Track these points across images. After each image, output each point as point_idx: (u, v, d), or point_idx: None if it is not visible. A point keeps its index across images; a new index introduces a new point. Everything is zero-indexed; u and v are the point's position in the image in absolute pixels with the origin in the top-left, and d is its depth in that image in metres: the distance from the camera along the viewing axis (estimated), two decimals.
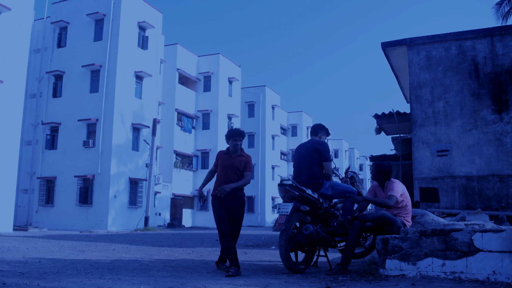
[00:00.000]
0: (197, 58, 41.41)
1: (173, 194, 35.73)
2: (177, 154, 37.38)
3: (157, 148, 30.85)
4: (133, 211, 28.16)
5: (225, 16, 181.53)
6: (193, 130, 39.76)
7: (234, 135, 6.51)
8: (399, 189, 6.08)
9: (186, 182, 38.12)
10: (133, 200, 28.81)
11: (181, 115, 38.20)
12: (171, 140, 36.47)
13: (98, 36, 28.94)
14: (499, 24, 21.71)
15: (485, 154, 9.43)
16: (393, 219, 5.88)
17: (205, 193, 6.80)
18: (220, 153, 6.74)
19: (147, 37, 30.73)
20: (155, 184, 30.35)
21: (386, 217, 5.87)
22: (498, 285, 4.92)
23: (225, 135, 6.64)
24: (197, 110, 40.27)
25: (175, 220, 34.14)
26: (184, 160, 38.52)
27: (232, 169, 6.50)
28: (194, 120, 40.15)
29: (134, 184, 29.01)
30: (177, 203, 35.33)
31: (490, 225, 5.73)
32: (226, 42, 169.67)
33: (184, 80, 39.81)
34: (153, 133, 26.16)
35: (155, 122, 26.61)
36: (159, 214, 33.32)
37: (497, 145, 9.36)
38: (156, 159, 31.93)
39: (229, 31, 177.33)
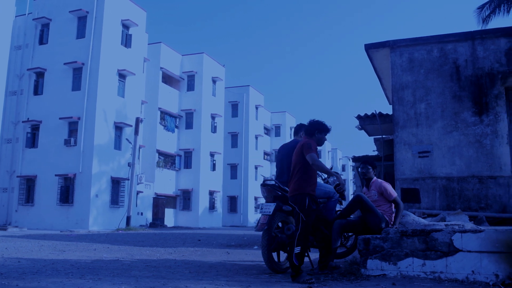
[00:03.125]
0: (181, 57, 41.22)
1: (155, 193, 35.53)
2: (160, 153, 37.19)
3: (139, 147, 30.63)
4: (115, 211, 27.93)
5: (210, 17, 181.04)
6: (176, 130, 39.57)
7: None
8: (391, 188, 6.22)
9: (169, 182, 37.94)
10: (115, 200, 28.59)
11: (164, 114, 37.99)
12: (154, 139, 36.25)
13: (80, 34, 28.65)
14: (480, 28, 22.02)
15: (465, 155, 9.55)
16: (371, 206, 5.95)
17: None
18: None
19: (130, 35, 30.52)
20: (137, 184, 30.14)
21: (364, 200, 5.95)
22: (477, 284, 4.99)
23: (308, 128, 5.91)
24: (181, 109, 40.09)
25: (157, 219, 33.95)
26: (167, 160, 38.34)
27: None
28: (177, 119, 39.97)
29: (116, 183, 28.78)
30: (160, 203, 35.15)
31: (469, 225, 5.81)
32: (211, 43, 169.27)
33: (168, 79, 39.59)
34: (136, 132, 25.99)
35: (137, 121, 26.43)
36: (141, 213, 33.10)
37: (477, 147, 9.49)
38: (139, 158, 31.69)
39: (214, 31, 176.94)
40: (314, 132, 5.77)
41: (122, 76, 29.79)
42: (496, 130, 9.54)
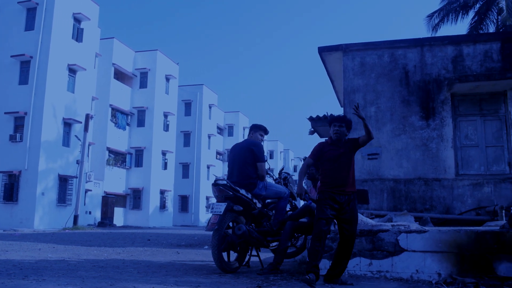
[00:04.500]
0: (134, 54, 40.49)
1: (104, 192, 34.76)
2: (110, 151, 36.39)
3: (89, 145, 29.90)
4: (62, 209, 27.14)
5: (165, 15, 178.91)
6: (127, 127, 38.84)
7: (333, 120, 5.54)
8: None
9: (119, 180, 37.21)
10: (62, 198, 27.78)
11: (115, 111, 37.22)
12: (104, 136, 35.45)
13: (29, 26, 27.65)
14: (429, 35, 22.75)
15: (412, 158, 9.84)
16: None
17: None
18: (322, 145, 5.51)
19: (82, 29, 29.73)
20: (86, 182, 29.41)
21: (312, 208, 6.03)
22: (421, 283, 5.15)
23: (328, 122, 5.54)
24: (132, 107, 39.38)
25: (106, 219, 33.20)
26: (117, 158, 37.57)
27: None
28: (129, 117, 39.25)
29: (63, 181, 27.97)
30: (109, 202, 34.41)
31: (414, 226, 5.99)
32: (165, 41, 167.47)
33: (120, 75, 38.80)
34: (86, 128, 25.37)
35: (87, 117, 25.82)
36: (90, 212, 32.32)
37: (423, 150, 9.80)
38: (88, 156, 30.95)
39: (168, 30, 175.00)
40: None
41: (72, 71, 28.98)
42: (441, 134, 9.88)
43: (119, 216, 36.66)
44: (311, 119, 13.46)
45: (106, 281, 4.93)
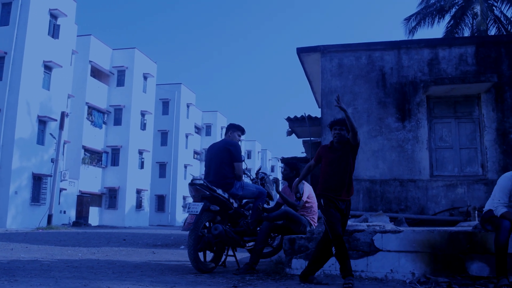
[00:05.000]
0: (112, 51, 40.04)
1: (80, 191, 34.30)
2: (86, 149, 35.93)
3: (64, 143, 29.49)
4: (36, 209, 26.68)
5: (143, 14, 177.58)
6: (104, 125, 38.39)
7: (334, 123, 5.44)
8: (305, 190, 6.30)
9: (95, 179, 36.76)
10: (36, 197, 27.31)
11: (91, 109, 36.75)
12: (80, 135, 34.97)
13: (4, 21, 27.10)
14: (406, 38, 23.06)
15: (388, 159, 9.95)
16: (297, 216, 6.08)
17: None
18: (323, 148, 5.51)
19: (58, 25, 29.28)
20: (61, 181, 28.96)
21: (290, 214, 6.05)
22: (395, 282, 5.21)
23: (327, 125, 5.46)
24: (109, 105, 38.95)
25: (81, 218, 32.78)
26: (93, 156, 37.12)
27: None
28: (106, 115, 38.80)
29: (37, 180, 27.50)
30: (84, 201, 33.97)
31: (389, 226, 6.05)
32: (143, 40, 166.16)
33: (97, 73, 38.33)
34: (61, 126, 25.02)
35: (63, 115, 25.45)
36: (64, 212, 31.85)
37: (399, 151, 9.92)
38: (63, 154, 30.50)
39: (147, 29, 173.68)
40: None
41: (48, 67, 28.50)
42: (417, 136, 10.02)
43: (94, 215, 36.22)
44: (289, 119, 13.50)
45: (80, 282, 4.86)
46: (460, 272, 5.29)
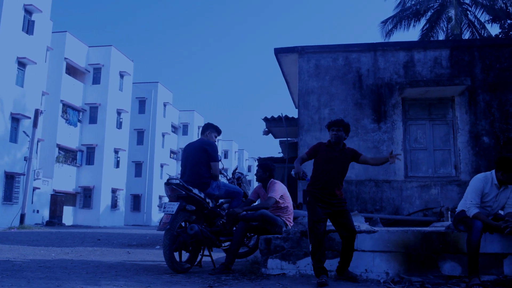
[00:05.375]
0: (88, 49, 39.48)
1: (53, 190, 33.76)
2: (60, 148, 35.38)
3: (38, 141, 28.98)
4: (8, 208, 26.16)
5: (120, 14, 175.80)
6: (79, 124, 37.85)
7: (331, 124, 5.48)
8: (279, 190, 6.31)
9: (69, 178, 36.23)
10: (8, 196, 26.79)
11: (66, 107, 36.19)
12: (54, 133, 34.41)
13: None
14: (383, 41, 23.35)
15: None
16: (273, 218, 6.08)
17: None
18: (320, 145, 5.55)
19: (33, 21, 28.74)
20: (34, 179, 28.48)
21: (266, 216, 6.05)
22: (369, 282, 5.26)
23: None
24: (85, 103, 38.40)
25: (55, 218, 32.22)
26: (68, 155, 36.58)
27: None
28: (81, 113, 38.27)
29: (10, 178, 26.98)
30: (58, 200, 33.40)
31: (364, 226, 6.10)
32: (119, 40, 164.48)
33: (72, 70, 37.75)
34: (35, 124, 24.57)
35: (37, 113, 25.00)
36: (37, 211, 31.33)
37: (375, 152, 10.02)
38: (37, 153, 29.99)
39: (123, 29, 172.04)
40: None
41: (21, 64, 27.96)
42: (392, 137, 10.15)
43: (68, 215, 35.67)
44: (266, 119, 13.53)
45: (53, 282, 4.79)
46: (433, 272, 5.37)
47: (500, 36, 24.00)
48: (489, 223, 5.05)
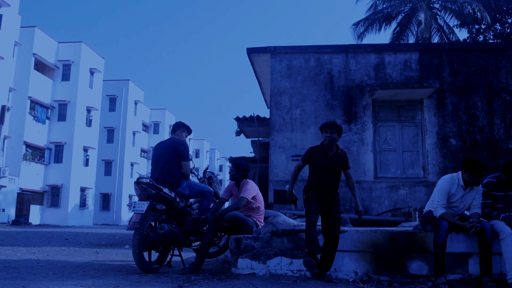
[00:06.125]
0: (57, 45, 38.70)
1: (20, 188, 32.98)
2: (28, 145, 34.61)
3: (4, 138, 28.27)
4: None
5: (91, 13, 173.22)
6: (47, 121, 37.09)
7: (324, 126, 5.49)
8: (251, 190, 6.30)
9: (37, 176, 35.47)
10: None
11: (34, 103, 35.41)
12: (22, 130, 33.62)
13: None
14: (355, 43, 23.61)
15: None
16: (244, 220, 6.07)
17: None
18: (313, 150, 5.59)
19: (0, 15, 28.08)
20: (0, 177, 27.78)
21: (238, 218, 6.04)
22: (338, 281, 5.30)
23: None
24: (53, 100, 37.64)
25: (21, 217, 31.50)
26: (35, 153, 35.80)
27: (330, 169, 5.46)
28: (49, 110, 37.50)
29: None
30: (25, 199, 32.66)
31: None
32: (90, 41, 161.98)
33: (41, 66, 36.96)
34: (1, 121, 24.04)
35: (4, 109, 24.46)
36: (3, 210, 30.58)
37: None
38: (3, 150, 29.28)
39: (94, 29, 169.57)
40: None
41: None
42: (362, 138, 10.28)
43: (35, 214, 34.93)
44: (237, 119, 13.52)
45: (18, 283, 4.69)
46: (401, 271, 5.45)
47: (468, 40, 24.59)
48: (455, 223, 5.16)
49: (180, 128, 6.59)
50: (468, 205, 5.33)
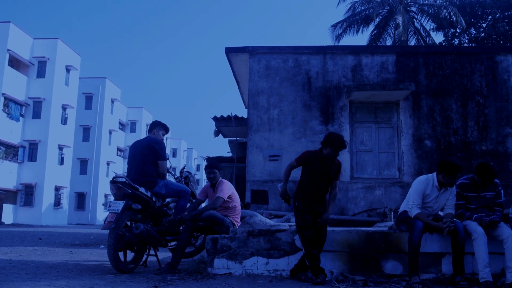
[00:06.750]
0: (32, 41, 38.01)
1: None
2: (1, 143, 33.92)
3: None
4: None
5: (69, 13, 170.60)
6: (21, 118, 36.42)
7: (331, 144, 5.44)
8: (227, 190, 6.29)
9: (10, 175, 34.80)
10: None
11: (8, 100, 34.72)
12: None
13: None
14: (333, 44, 23.78)
15: None
16: (221, 219, 6.06)
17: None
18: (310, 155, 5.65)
19: None
20: None
21: (215, 217, 6.03)
22: (314, 281, 5.33)
23: (324, 140, 5.50)
24: (28, 97, 36.96)
25: None
26: (9, 151, 35.12)
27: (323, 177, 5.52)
28: (24, 108, 36.82)
29: None
30: None
31: None
32: (68, 36, 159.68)
33: (15, 62, 36.25)
34: None
35: None
36: None
37: None
38: None
39: (72, 29, 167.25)
40: None
41: None
42: None
43: (8, 213, 34.27)
44: (215, 119, 13.49)
45: None
46: (376, 271, 5.51)
47: (443, 44, 25.01)
48: (430, 223, 5.23)
49: (157, 127, 6.55)
50: (442, 205, 5.42)
